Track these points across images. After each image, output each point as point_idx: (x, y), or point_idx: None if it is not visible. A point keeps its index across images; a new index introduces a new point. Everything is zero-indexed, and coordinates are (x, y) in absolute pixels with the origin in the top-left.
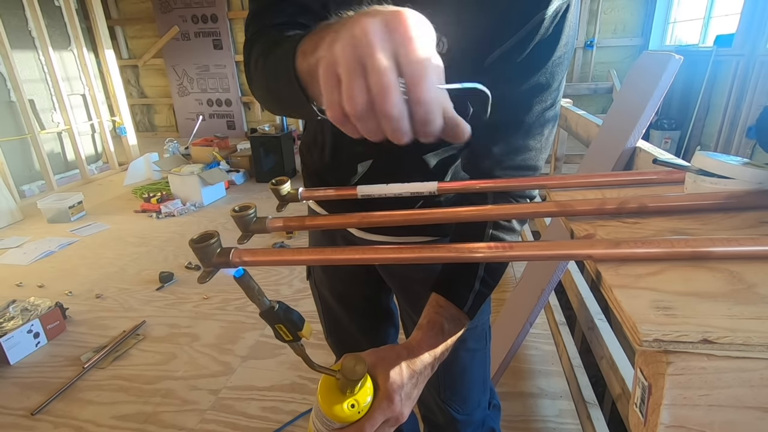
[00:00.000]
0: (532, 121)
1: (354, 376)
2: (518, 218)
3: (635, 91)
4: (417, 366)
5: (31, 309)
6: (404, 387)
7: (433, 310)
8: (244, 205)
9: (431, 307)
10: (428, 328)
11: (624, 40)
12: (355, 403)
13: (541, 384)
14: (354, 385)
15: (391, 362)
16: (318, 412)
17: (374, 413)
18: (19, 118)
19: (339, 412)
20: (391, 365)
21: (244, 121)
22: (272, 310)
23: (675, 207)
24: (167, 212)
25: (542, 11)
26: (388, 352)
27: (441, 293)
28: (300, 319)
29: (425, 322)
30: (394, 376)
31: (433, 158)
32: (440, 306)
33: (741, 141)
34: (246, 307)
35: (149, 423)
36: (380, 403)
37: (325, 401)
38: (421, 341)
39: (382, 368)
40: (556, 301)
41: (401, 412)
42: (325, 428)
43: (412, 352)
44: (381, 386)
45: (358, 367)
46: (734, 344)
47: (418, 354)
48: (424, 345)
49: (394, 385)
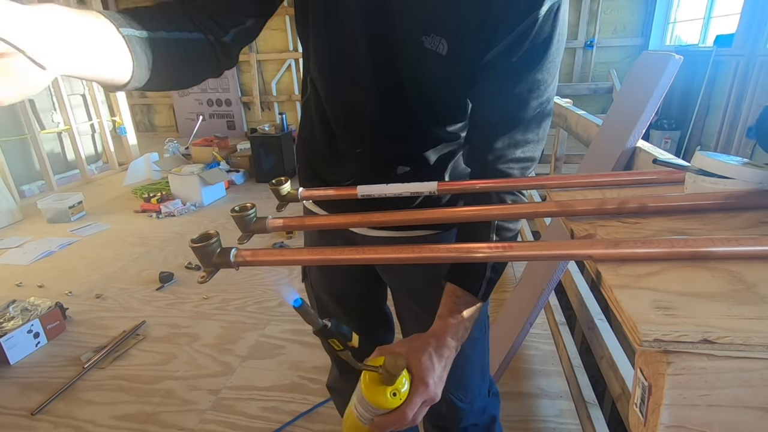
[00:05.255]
0: (531, 116)
1: (396, 371)
2: (518, 218)
3: (635, 91)
4: (444, 351)
5: (31, 309)
6: (435, 371)
7: (450, 300)
8: (244, 205)
9: (448, 297)
10: (449, 316)
11: (624, 40)
12: (396, 392)
13: (541, 384)
14: (395, 378)
15: (422, 350)
16: (362, 401)
17: (413, 397)
18: (19, 118)
19: (383, 401)
20: (422, 353)
21: (244, 121)
22: (326, 328)
23: (675, 207)
24: (167, 212)
25: (536, 11)
26: (418, 342)
27: (456, 283)
28: (349, 331)
29: (446, 311)
30: (426, 363)
31: (433, 155)
32: (456, 296)
33: (741, 141)
34: (246, 307)
35: (149, 423)
36: (417, 388)
37: (370, 392)
38: (445, 328)
39: (415, 356)
40: (556, 301)
41: (435, 393)
42: (370, 415)
43: (438, 338)
44: (415, 373)
45: (398, 362)
46: (734, 344)
47: (443, 340)
48: (447, 331)
49: (427, 370)
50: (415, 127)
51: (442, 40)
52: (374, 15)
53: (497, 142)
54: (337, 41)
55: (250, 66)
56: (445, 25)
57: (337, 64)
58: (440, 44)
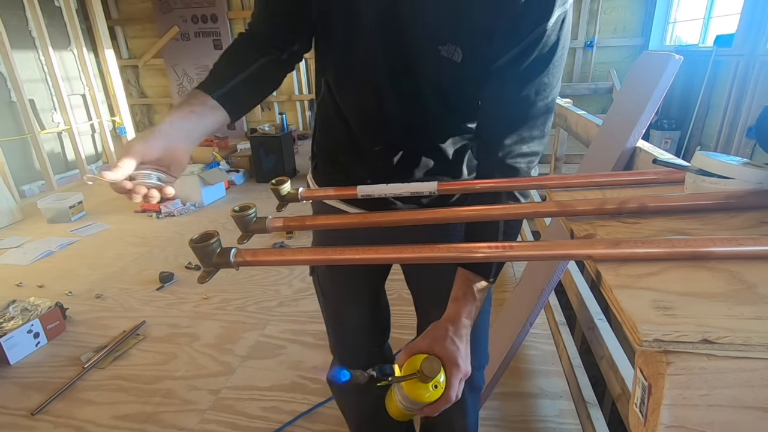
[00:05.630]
0: (537, 115)
1: (434, 374)
2: (518, 218)
3: (635, 91)
4: (462, 331)
5: (31, 309)
6: (461, 351)
7: (463, 283)
8: (244, 205)
9: (461, 281)
10: (463, 298)
11: (624, 40)
12: (436, 384)
13: (541, 384)
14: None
15: (444, 337)
16: (407, 399)
17: (451, 380)
18: (19, 118)
19: (428, 396)
20: (445, 339)
21: (244, 121)
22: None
23: (675, 207)
24: (167, 212)
25: (545, 23)
26: (438, 330)
27: (469, 268)
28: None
29: (460, 294)
30: (451, 347)
31: (450, 147)
32: (469, 279)
33: (741, 141)
34: (246, 307)
35: (149, 423)
36: (452, 371)
37: (415, 393)
38: (459, 310)
39: (439, 345)
40: (556, 301)
41: (467, 369)
42: (417, 407)
43: (455, 322)
44: (445, 359)
45: (434, 365)
46: (734, 344)
47: (459, 322)
48: (462, 313)
49: (455, 353)
50: (433, 124)
51: (457, 48)
52: (388, 21)
53: (506, 140)
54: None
55: None
56: (459, 35)
57: (353, 68)
58: (456, 52)
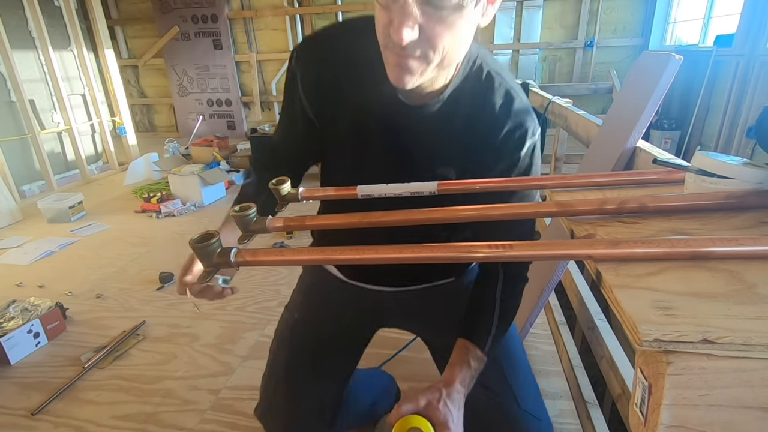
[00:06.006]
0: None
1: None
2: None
3: (635, 91)
4: (455, 395)
5: (31, 309)
6: (453, 414)
7: (461, 351)
8: (244, 205)
9: (459, 350)
10: (458, 365)
11: (624, 40)
12: None
13: (541, 384)
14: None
15: (437, 399)
16: None
17: None
18: (19, 118)
19: None
20: (438, 402)
21: (244, 121)
22: None
23: (675, 207)
24: (167, 212)
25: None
26: (433, 394)
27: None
28: None
29: (457, 361)
30: (443, 409)
31: None
32: (466, 348)
33: (741, 141)
34: (246, 307)
35: (149, 423)
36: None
37: None
38: (454, 376)
39: (432, 407)
40: (556, 301)
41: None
42: None
43: (449, 386)
44: (436, 421)
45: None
46: (734, 344)
47: (454, 387)
48: (456, 379)
49: (446, 416)
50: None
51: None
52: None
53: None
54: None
55: (250, 66)
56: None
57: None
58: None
